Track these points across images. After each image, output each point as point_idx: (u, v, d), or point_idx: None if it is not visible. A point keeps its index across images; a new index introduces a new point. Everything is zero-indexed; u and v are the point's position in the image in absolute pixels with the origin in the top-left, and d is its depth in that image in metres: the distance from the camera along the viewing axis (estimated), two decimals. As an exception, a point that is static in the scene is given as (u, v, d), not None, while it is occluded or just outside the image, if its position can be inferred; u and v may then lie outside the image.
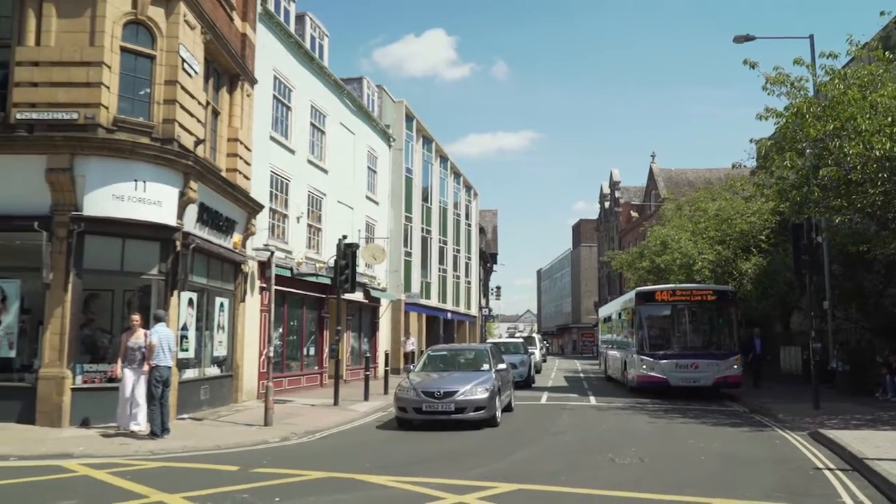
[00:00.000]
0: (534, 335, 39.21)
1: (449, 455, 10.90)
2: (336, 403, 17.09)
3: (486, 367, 15.30)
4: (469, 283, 49.94)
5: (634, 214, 59.75)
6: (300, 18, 25.05)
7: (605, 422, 15.32)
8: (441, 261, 41.44)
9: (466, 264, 48.76)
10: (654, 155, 56.13)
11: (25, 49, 13.10)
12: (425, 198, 38.28)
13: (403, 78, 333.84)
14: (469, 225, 49.79)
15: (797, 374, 25.99)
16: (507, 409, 16.12)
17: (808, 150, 15.59)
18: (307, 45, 24.35)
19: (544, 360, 44.47)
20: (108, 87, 13.20)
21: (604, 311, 35.77)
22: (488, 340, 17.78)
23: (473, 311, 51.63)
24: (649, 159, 55.83)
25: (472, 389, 13.67)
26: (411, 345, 26.00)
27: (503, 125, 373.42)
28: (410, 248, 35.28)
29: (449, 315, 43.50)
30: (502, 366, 16.00)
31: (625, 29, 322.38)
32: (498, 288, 71.30)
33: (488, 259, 62.40)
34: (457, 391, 13.60)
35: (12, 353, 13.07)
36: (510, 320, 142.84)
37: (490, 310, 66.04)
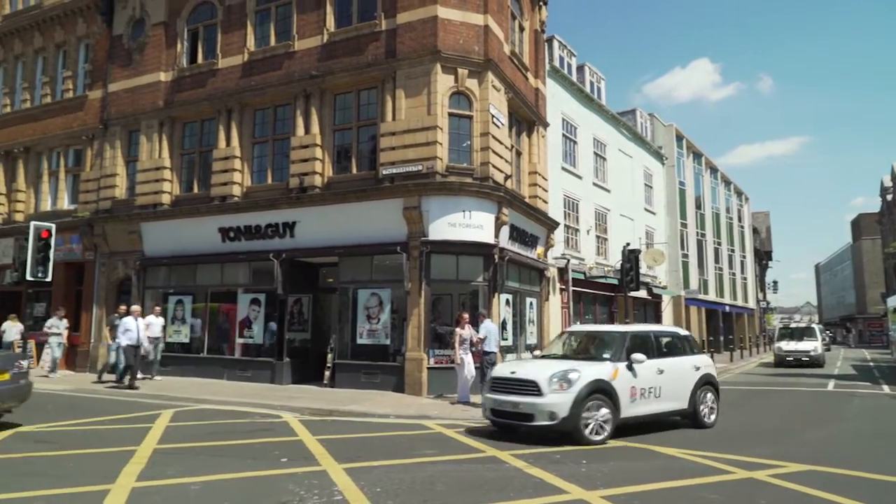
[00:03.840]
0: (813, 325, 33.30)
1: (730, 433, 9.75)
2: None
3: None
4: (745, 279, 44.95)
5: (922, 205, 48.65)
6: (580, 69, 24.95)
7: (902, 411, 12.57)
8: (717, 260, 37.99)
9: (741, 262, 44.01)
10: (943, 143, 45.26)
11: (386, 124, 14.73)
12: (698, 206, 35.48)
13: (672, 105, 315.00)
14: (742, 226, 44.92)
15: None
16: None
17: None
18: (587, 89, 24.15)
19: (828, 349, 38.12)
20: (441, 144, 14.21)
21: (894, 302, 29.65)
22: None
23: (751, 304, 46.34)
24: (937, 148, 45.01)
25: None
26: None
27: (770, 134, 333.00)
28: (687, 251, 32.92)
29: (727, 308, 39.56)
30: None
31: (889, 22, 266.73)
32: (774, 282, 62.77)
33: (763, 256, 55.57)
34: None
35: (388, 342, 14.44)
36: (788, 312, 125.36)
37: (768, 303, 58.58)
